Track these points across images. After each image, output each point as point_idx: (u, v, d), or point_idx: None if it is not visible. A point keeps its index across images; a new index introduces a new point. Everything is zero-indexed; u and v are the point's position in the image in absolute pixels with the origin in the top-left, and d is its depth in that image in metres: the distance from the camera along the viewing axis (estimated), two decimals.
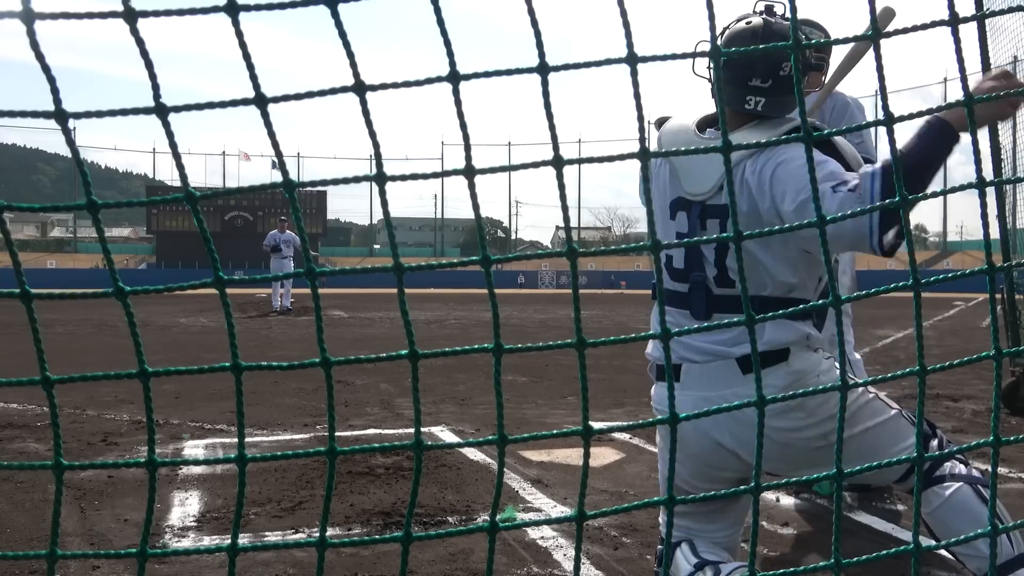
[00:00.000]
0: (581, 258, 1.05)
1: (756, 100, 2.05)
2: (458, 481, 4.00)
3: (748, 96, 2.04)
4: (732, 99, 2.05)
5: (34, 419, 5.54)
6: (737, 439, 2.14)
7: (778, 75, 2.04)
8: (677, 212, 2.23)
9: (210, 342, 11.33)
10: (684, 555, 2.28)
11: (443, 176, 1.00)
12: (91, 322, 14.86)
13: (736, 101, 2.05)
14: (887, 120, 1.00)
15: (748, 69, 2.00)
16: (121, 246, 58.51)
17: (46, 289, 1.22)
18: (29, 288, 0.90)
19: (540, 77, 0.92)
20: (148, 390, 0.95)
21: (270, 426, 5.35)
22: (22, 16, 0.82)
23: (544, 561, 2.96)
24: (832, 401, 2.07)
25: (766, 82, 2.04)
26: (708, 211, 2.16)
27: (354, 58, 0.90)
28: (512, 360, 8.41)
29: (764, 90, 2.05)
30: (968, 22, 1.07)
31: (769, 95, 2.06)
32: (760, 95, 2.05)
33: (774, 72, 2.03)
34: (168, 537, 3.20)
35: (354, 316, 17.49)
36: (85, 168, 0.94)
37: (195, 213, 0.92)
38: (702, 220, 2.16)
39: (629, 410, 6.04)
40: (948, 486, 2.16)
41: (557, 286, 44.87)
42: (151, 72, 0.87)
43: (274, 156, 0.97)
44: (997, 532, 1.11)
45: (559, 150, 0.94)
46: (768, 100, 2.07)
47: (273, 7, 0.89)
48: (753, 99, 2.04)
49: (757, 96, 2.04)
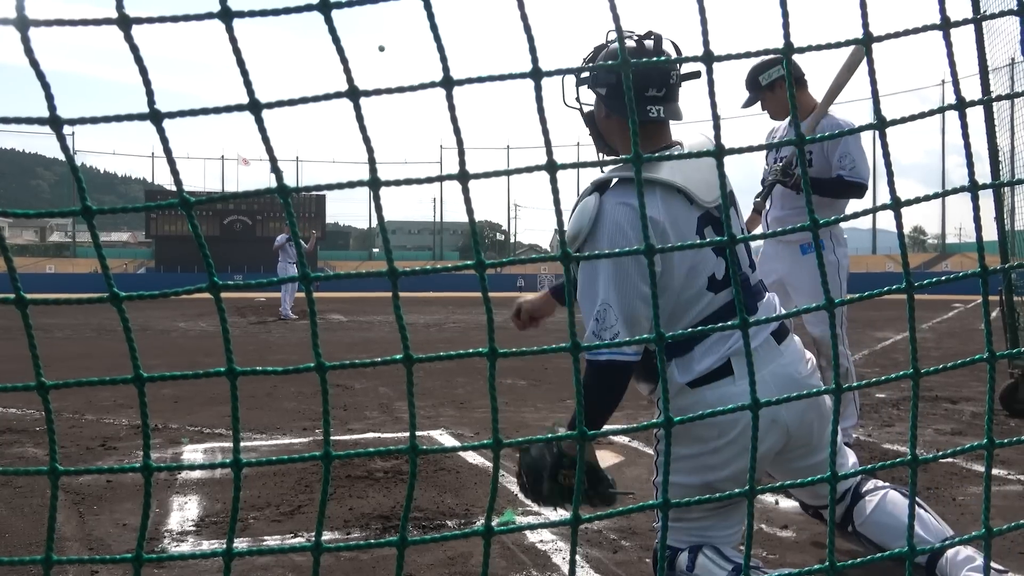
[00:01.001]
0: (580, 261, 1.05)
1: (656, 108, 2.21)
2: (457, 485, 4.00)
3: (648, 106, 2.20)
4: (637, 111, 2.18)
5: (33, 424, 5.54)
6: (793, 409, 2.22)
7: (668, 83, 2.21)
8: (704, 228, 2.25)
9: (209, 346, 11.32)
10: (713, 561, 2.25)
11: (439, 180, 1.00)
12: (90, 326, 14.86)
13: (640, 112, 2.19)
14: (879, 124, 1.01)
15: (644, 80, 2.17)
16: (120, 250, 58.51)
17: (44, 294, 1.22)
18: (24, 294, 0.90)
19: (533, 82, 0.93)
20: (143, 395, 0.95)
21: (269, 430, 5.35)
22: (16, 23, 0.83)
23: (543, 565, 2.96)
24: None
25: (660, 91, 2.20)
26: (708, 215, 2.26)
27: (348, 63, 0.90)
28: (511, 363, 8.41)
29: (660, 98, 2.20)
30: (960, 26, 1.07)
31: (665, 102, 2.22)
32: (658, 103, 2.20)
33: (666, 81, 2.20)
34: (167, 541, 3.20)
35: (352, 320, 17.48)
36: (80, 174, 0.94)
37: (190, 218, 0.92)
38: (709, 222, 2.26)
39: (627, 413, 6.04)
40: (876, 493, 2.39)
41: None
42: (145, 78, 0.87)
43: (271, 160, 0.97)
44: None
45: (552, 155, 0.94)
46: (666, 107, 2.22)
47: (267, 13, 0.89)
48: (654, 108, 2.21)
49: (656, 105, 2.21)
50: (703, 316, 2.22)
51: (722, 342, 2.19)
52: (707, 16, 0.96)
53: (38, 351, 0.94)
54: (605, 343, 1.89)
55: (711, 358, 2.18)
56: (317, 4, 0.89)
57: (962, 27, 1.10)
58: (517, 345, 1.06)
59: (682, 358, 2.21)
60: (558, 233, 0.96)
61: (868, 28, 1.01)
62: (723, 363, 2.18)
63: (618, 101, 2.25)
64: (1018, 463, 4.37)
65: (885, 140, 1.08)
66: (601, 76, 2.28)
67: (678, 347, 2.20)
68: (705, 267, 2.20)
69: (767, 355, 2.23)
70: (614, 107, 2.28)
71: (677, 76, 2.23)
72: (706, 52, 0.96)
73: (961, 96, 1.05)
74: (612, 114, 2.30)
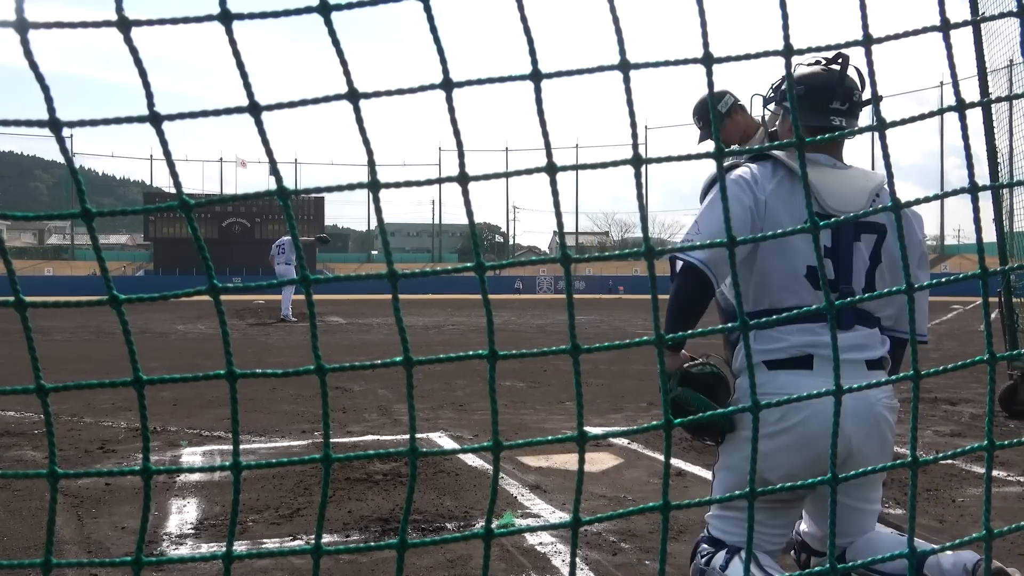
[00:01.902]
0: (579, 263, 1.05)
1: (840, 120, 2.36)
2: (456, 487, 4.00)
3: (832, 117, 2.37)
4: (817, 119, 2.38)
5: (31, 427, 5.53)
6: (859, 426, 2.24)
7: (852, 100, 2.38)
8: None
9: (208, 349, 11.31)
10: (747, 567, 2.22)
11: (438, 183, 1.00)
12: (89, 329, 14.85)
13: (824, 119, 2.37)
14: (880, 126, 1.01)
15: (830, 93, 2.36)
16: (118, 253, 58.43)
17: (43, 297, 1.22)
18: (23, 297, 0.90)
19: (533, 84, 0.92)
20: (143, 398, 0.95)
21: (268, 433, 5.35)
22: (16, 25, 0.83)
23: (543, 567, 2.96)
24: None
25: (844, 105, 2.36)
26: (861, 226, 2.34)
27: (347, 66, 0.90)
28: (510, 365, 8.41)
29: (843, 111, 2.37)
30: (960, 28, 1.07)
31: (847, 116, 2.38)
32: (841, 116, 2.37)
33: (849, 97, 2.37)
34: (166, 544, 3.20)
35: (352, 322, 17.47)
36: (80, 176, 0.94)
37: (189, 221, 0.92)
38: (856, 234, 2.33)
39: (628, 415, 6.04)
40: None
41: (555, 291, 44.86)
42: (145, 81, 0.87)
43: (276, 161, 0.97)
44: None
45: (552, 156, 0.94)
46: (847, 121, 2.37)
47: (267, 16, 0.89)
48: (837, 118, 2.36)
49: (839, 117, 2.37)
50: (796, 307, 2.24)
51: (810, 334, 2.25)
52: (707, 19, 0.96)
53: (37, 354, 0.94)
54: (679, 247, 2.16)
55: (794, 345, 2.25)
56: (317, 6, 0.89)
57: (960, 29, 1.10)
58: (516, 347, 1.06)
59: (766, 334, 2.28)
60: (558, 235, 0.96)
61: (868, 30, 1.01)
62: (805, 355, 2.25)
63: (802, 112, 2.36)
64: (1018, 465, 4.37)
65: (885, 142, 1.08)
66: (786, 90, 2.39)
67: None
68: (801, 258, 2.28)
69: (852, 372, 2.24)
70: (799, 117, 2.37)
71: (859, 97, 2.39)
72: (706, 54, 0.96)
73: (961, 98, 1.05)
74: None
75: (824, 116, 2.37)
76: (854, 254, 2.33)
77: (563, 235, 0.97)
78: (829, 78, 2.39)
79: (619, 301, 32.53)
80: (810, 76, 2.43)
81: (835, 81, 2.38)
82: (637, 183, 0.98)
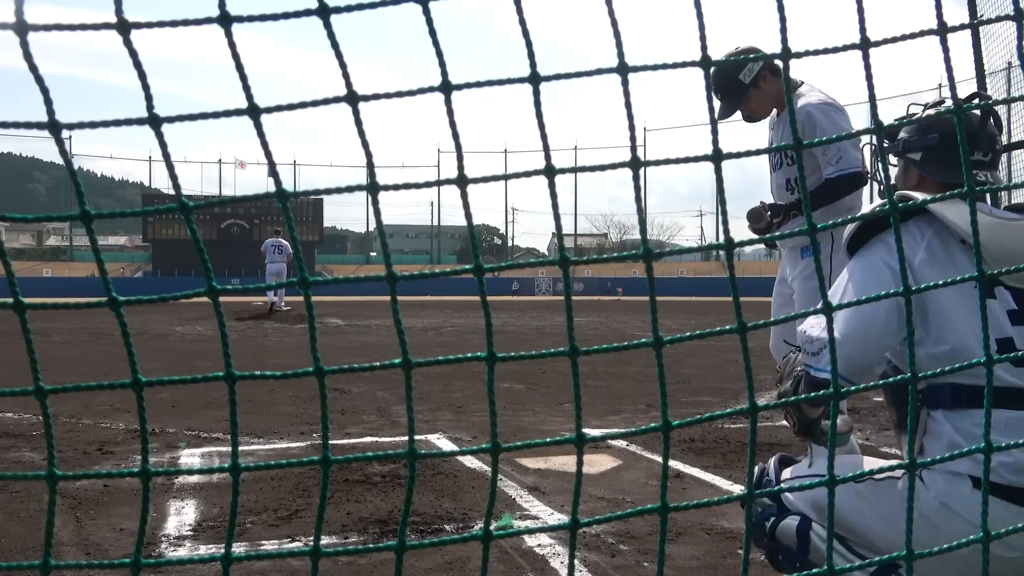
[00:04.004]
0: (578, 265, 1.05)
1: (984, 173, 2.02)
2: (455, 489, 4.00)
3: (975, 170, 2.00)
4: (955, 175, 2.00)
5: (30, 428, 5.53)
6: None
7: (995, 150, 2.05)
8: (995, 288, 1.91)
9: (207, 350, 11.31)
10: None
11: (436, 185, 1.00)
12: (87, 330, 14.83)
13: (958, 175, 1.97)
14: (876, 128, 1.01)
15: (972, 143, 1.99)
16: (117, 254, 58.39)
17: (42, 298, 1.22)
18: (22, 298, 0.90)
19: (532, 87, 0.93)
20: (141, 400, 0.95)
21: (267, 434, 5.34)
22: (15, 27, 0.83)
23: (541, 569, 2.96)
24: None
25: (987, 156, 2.03)
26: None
27: (346, 68, 0.90)
28: (509, 367, 8.41)
29: (986, 163, 2.04)
30: (957, 31, 1.08)
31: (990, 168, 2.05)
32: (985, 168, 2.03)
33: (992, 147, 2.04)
34: (164, 546, 3.19)
35: (351, 324, 17.47)
36: (79, 178, 0.94)
37: (188, 223, 0.92)
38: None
39: (626, 417, 6.04)
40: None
41: (553, 293, 44.86)
42: (144, 83, 0.87)
43: (269, 164, 0.97)
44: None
45: (551, 159, 0.94)
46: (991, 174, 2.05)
47: (266, 18, 0.90)
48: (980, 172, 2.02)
49: (983, 170, 2.02)
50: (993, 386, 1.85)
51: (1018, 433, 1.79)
52: (704, 21, 0.96)
53: (35, 355, 0.94)
54: (808, 358, 1.87)
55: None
56: (316, 9, 0.90)
57: (959, 32, 1.11)
58: (515, 348, 1.06)
59: (955, 412, 1.87)
60: (556, 237, 0.96)
61: (865, 33, 1.01)
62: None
63: (936, 165, 2.06)
64: None
65: (882, 144, 1.09)
66: (915, 140, 2.10)
67: (954, 399, 1.87)
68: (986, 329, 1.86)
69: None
70: (930, 171, 2.07)
71: (1001, 145, 2.09)
72: (704, 57, 0.96)
73: (958, 100, 1.06)
74: (927, 177, 2.09)
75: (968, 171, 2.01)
76: None
77: (561, 237, 0.97)
78: (969, 124, 2.00)
79: (618, 303, 32.53)
80: (945, 123, 2.06)
81: (976, 128, 2.01)
82: (635, 185, 0.98)
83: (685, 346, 10.96)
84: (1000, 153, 2.08)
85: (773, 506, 2.19)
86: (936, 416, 1.89)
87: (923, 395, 1.92)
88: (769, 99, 3.97)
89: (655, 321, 1.00)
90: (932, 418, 1.91)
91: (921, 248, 1.92)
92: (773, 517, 2.17)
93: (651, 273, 1.01)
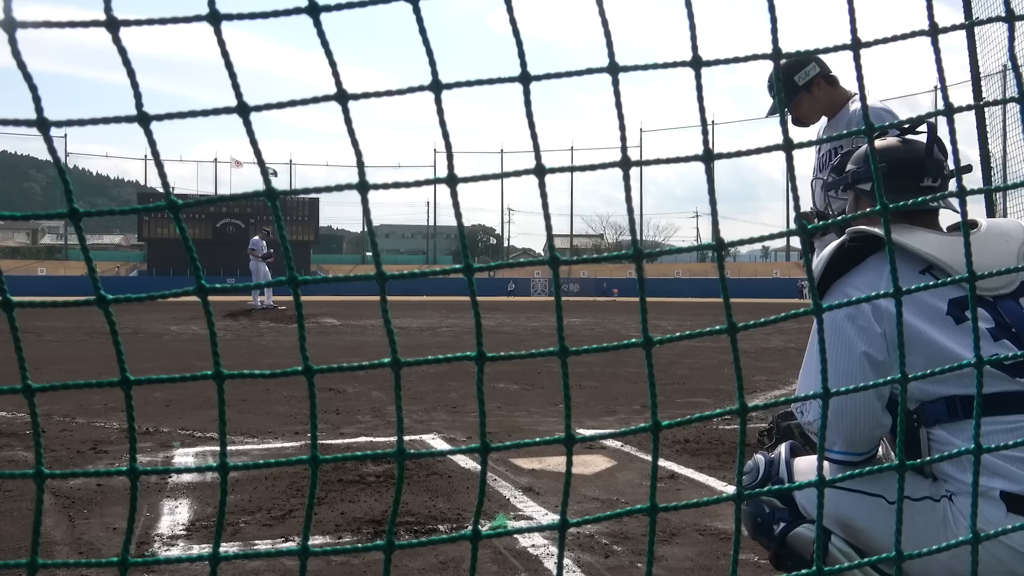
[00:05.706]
0: (574, 266, 1.05)
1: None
2: (449, 489, 4.00)
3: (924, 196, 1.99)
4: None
5: (23, 427, 5.51)
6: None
7: (943, 175, 2.06)
8: (966, 310, 1.87)
9: (201, 350, 11.29)
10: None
11: (426, 184, 1.00)
12: (82, 329, 14.80)
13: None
14: (868, 130, 1.01)
15: (920, 170, 2.02)
16: (112, 253, 58.33)
17: (36, 297, 1.22)
18: (10, 296, 0.90)
19: (522, 87, 0.93)
20: (130, 398, 0.94)
21: (261, 434, 5.34)
22: (3, 24, 0.82)
23: (535, 569, 2.96)
24: None
25: (936, 181, 2.04)
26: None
27: (336, 67, 0.90)
28: (504, 367, 8.41)
29: (935, 188, 2.05)
30: (949, 32, 1.08)
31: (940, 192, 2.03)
32: (935, 192, 2.00)
33: (941, 172, 2.05)
34: (157, 546, 3.19)
35: (346, 323, 17.44)
36: (71, 176, 0.94)
37: (177, 221, 0.92)
38: (1016, 296, 1.92)
39: (621, 417, 6.04)
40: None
41: (549, 294, 44.84)
42: (133, 80, 0.87)
43: (265, 162, 0.97)
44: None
45: (541, 158, 0.94)
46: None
47: (256, 16, 0.89)
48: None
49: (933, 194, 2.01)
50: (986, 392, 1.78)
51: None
52: (695, 21, 0.96)
53: (24, 354, 0.93)
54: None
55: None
56: (306, 7, 0.89)
57: (954, 34, 1.11)
58: (510, 349, 1.06)
59: (954, 425, 1.83)
60: (547, 238, 0.96)
61: (856, 34, 1.01)
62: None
63: (889, 193, 1.96)
64: None
65: (874, 146, 1.09)
66: (863, 171, 2.12)
67: (950, 411, 1.83)
68: (966, 351, 1.83)
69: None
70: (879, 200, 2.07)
71: (948, 170, 2.07)
72: (694, 57, 0.96)
73: (949, 102, 1.06)
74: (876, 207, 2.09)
75: (914, 196, 1.88)
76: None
77: (551, 237, 0.97)
78: (915, 151, 2.05)
79: (613, 304, 32.53)
80: (892, 150, 2.07)
81: (923, 154, 2.04)
82: (626, 185, 0.98)
83: (681, 347, 10.97)
84: (948, 178, 2.07)
85: (785, 510, 2.10)
86: (937, 434, 1.85)
87: (916, 414, 1.88)
88: (820, 105, 4.02)
89: (645, 321, 1.00)
90: (934, 437, 1.86)
91: (882, 286, 1.89)
92: (784, 523, 2.09)
93: (641, 273, 1.01)
